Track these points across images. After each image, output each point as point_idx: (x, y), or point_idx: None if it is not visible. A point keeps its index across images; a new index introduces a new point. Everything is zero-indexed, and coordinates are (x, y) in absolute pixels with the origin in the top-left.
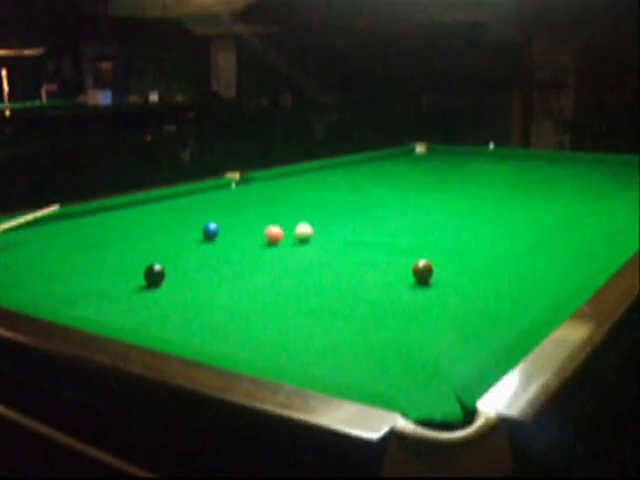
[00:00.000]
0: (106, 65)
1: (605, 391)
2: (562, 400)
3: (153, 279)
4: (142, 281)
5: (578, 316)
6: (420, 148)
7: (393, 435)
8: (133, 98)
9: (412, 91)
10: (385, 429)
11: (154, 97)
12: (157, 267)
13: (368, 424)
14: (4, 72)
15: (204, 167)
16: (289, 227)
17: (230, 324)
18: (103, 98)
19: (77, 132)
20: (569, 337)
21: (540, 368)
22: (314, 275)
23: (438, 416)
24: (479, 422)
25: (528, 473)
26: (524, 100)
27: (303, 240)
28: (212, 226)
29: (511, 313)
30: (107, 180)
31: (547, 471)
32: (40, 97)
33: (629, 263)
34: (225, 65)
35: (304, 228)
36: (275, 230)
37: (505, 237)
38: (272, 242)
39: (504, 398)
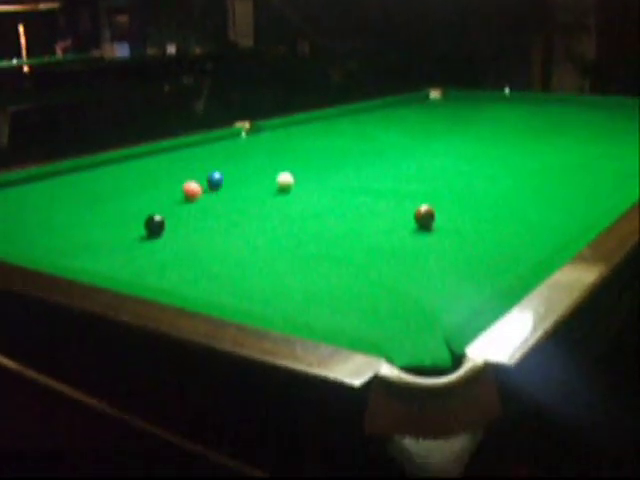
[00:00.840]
0: (123, 18)
1: (604, 335)
2: (554, 344)
3: (153, 229)
4: (143, 232)
5: (577, 259)
6: (434, 94)
7: (377, 380)
8: (151, 50)
9: (430, 36)
10: (369, 374)
11: (172, 49)
12: (157, 217)
13: (352, 369)
14: (21, 28)
15: (219, 118)
16: (296, 175)
17: (225, 272)
18: (120, 51)
19: (95, 85)
20: (566, 281)
21: (533, 312)
22: (315, 222)
23: (426, 362)
24: (464, 368)
25: (519, 416)
26: (544, 43)
27: (284, 190)
28: (216, 175)
29: (511, 257)
30: (122, 132)
31: (538, 414)
32: (54, 52)
33: (634, 207)
34: (242, 14)
35: (285, 177)
36: (192, 186)
37: (512, 181)
38: (188, 199)
39: (494, 343)
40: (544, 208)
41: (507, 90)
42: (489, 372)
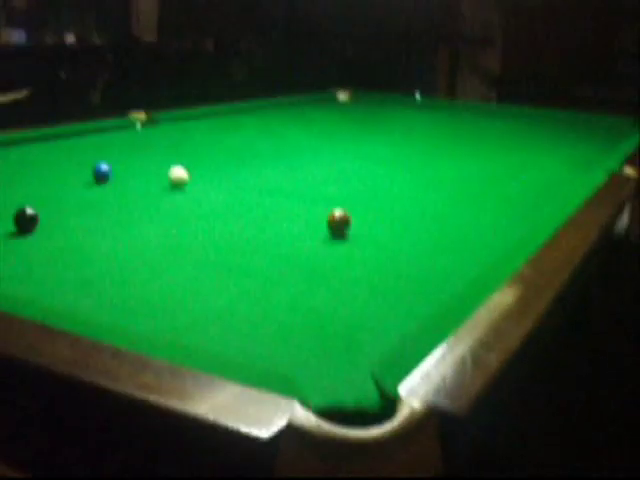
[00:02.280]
0: (20, 2)
1: (553, 368)
2: (503, 382)
3: (23, 225)
4: (12, 227)
5: (517, 279)
6: (343, 95)
7: (289, 431)
8: (49, 38)
9: (338, 39)
10: (279, 423)
11: (71, 38)
12: (29, 211)
13: (257, 415)
14: None
15: (116, 109)
16: (193, 171)
17: (104, 279)
18: (16, 36)
19: None
20: (510, 304)
21: (476, 343)
22: (215, 225)
23: (347, 403)
24: (401, 415)
25: (460, 472)
26: (450, 54)
27: (177, 186)
28: (103, 167)
29: (439, 274)
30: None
31: (484, 467)
32: None
33: (572, 220)
34: (146, 7)
35: (178, 172)
36: None
37: (432, 189)
38: None
39: (432, 382)
40: (468, 219)
41: (417, 95)
42: (431, 421)
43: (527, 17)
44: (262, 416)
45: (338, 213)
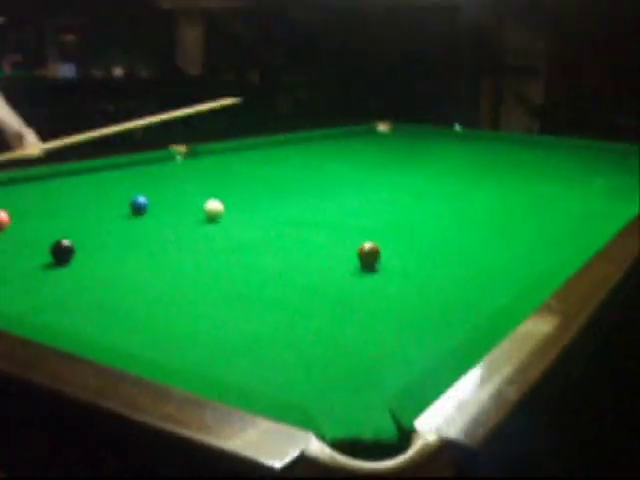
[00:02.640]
0: (70, 37)
1: (575, 401)
2: (523, 414)
3: (59, 256)
4: (49, 259)
5: (544, 310)
6: (383, 127)
7: (303, 462)
8: (97, 72)
9: (382, 72)
10: (293, 454)
11: (118, 71)
12: (65, 243)
13: (272, 446)
14: None
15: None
16: (228, 203)
17: (132, 311)
18: (66, 71)
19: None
20: (533, 337)
21: (497, 377)
22: (243, 257)
23: (366, 436)
24: (414, 447)
25: None
26: (494, 85)
27: (212, 218)
28: (140, 200)
29: (466, 306)
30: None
31: None
32: (1, 67)
33: (603, 251)
34: (191, 40)
35: (213, 205)
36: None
37: (466, 220)
38: None
39: (450, 416)
40: (500, 251)
41: (458, 127)
42: (445, 453)
43: (572, 47)
44: (277, 447)
45: (368, 245)
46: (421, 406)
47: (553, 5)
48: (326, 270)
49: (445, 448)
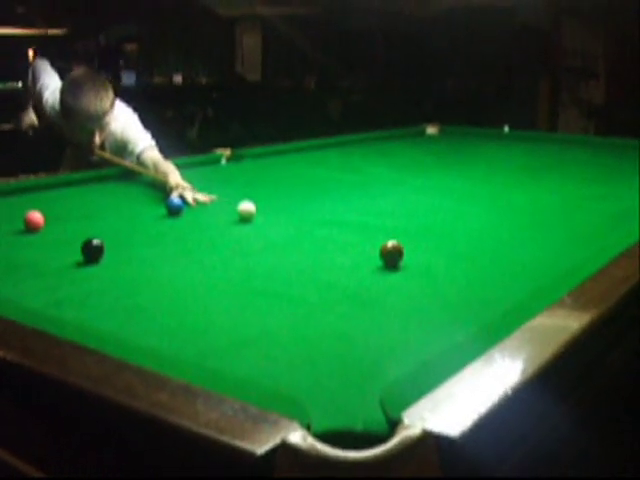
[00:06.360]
0: (130, 46)
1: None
2: (515, 407)
3: (90, 254)
4: (80, 257)
5: (556, 307)
6: (431, 129)
7: (283, 449)
8: (158, 79)
9: (438, 74)
10: (274, 441)
11: (178, 78)
12: (95, 241)
13: (256, 433)
14: (30, 52)
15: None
16: (263, 205)
17: (153, 306)
18: (126, 79)
19: None
20: (539, 332)
21: (492, 371)
22: (270, 255)
23: (357, 427)
24: (395, 439)
25: None
26: (551, 86)
27: (245, 219)
28: (175, 201)
29: (482, 303)
30: None
31: None
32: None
33: (627, 251)
34: (250, 47)
35: (245, 206)
36: (35, 216)
37: (497, 220)
38: (31, 229)
39: (437, 408)
40: (526, 249)
41: (506, 128)
42: (428, 445)
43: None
44: (260, 434)
45: (390, 244)
46: (410, 398)
47: (611, 6)
48: (348, 268)
49: (427, 439)
